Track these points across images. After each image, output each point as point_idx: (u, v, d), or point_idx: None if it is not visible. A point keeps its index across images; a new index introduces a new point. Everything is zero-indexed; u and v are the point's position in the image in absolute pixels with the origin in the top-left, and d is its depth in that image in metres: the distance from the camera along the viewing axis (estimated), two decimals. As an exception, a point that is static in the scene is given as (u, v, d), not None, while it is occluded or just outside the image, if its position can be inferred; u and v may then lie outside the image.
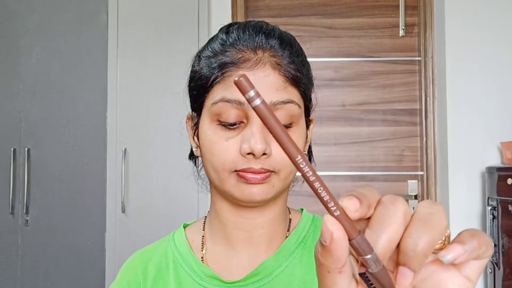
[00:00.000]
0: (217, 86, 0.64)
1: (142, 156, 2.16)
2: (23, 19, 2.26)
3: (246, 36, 0.65)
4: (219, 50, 0.65)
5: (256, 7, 2.43)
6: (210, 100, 0.64)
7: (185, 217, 0.77)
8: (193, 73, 0.69)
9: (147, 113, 2.16)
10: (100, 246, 2.15)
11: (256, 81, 0.62)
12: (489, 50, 2.18)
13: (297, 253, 0.70)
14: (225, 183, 0.65)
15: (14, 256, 2.21)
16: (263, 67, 0.63)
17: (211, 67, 0.65)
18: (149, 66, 2.18)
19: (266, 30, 0.66)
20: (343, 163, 2.37)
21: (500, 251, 1.93)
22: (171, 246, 0.73)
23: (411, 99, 2.39)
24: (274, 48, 0.64)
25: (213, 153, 0.64)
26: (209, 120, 0.65)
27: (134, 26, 2.20)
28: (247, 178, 0.63)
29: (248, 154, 0.62)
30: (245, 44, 0.64)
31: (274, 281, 0.67)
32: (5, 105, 2.25)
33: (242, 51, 0.64)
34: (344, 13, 2.42)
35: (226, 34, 0.67)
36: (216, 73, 0.64)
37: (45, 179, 2.22)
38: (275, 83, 0.63)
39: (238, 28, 0.67)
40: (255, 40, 0.64)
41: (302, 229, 0.72)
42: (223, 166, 0.64)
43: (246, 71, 0.63)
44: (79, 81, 2.25)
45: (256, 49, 0.64)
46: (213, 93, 0.64)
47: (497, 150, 2.14)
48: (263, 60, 0.63)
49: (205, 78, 0.65)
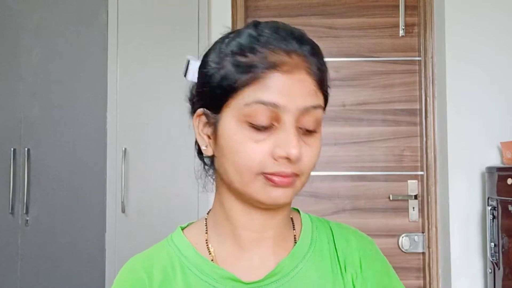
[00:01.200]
0: (249, 87, 0.62)
1: (142, 156, 2.16)
2: (23, 19, 2.26)
3: (280, 37, 0.64)
4: (249, 49, 0.63)
5: (256, 7, 2.43)
6: (241, 100, 0.63)
7: (185, 217, 0.77)
8: (213, 70, 0.66)
9: (147, 113, 2.16)
10: (100, 246, 2.15)
11: (293, 85, 0.63)
12: (489, 50, 2.18)
13: (309, 255, 0.71)
14: (249, 185, 0.64)
15: (14, 256, 2.20)
16: (298, 71, 0.63)
17: (240, 67, 0.63)
18: (149, 66, 2.18)
19: (299, 35, 0.66)
20: (343, 163, 2.37)
21: (500, 251, 1.93)
22: (174, 250, 0.71)
23: (411, 99, 2.39)
24: (306, 54, 0.65)
25: (240, 154, 0.63)
26: (237, 120, 0.63)
27: (134, 26, 2.19)
28: (276, 182, 0.63)
29: (281, 157, 0.62)
30: (279, 47, 0.63)
31: (291, 281, 0.68)
32: (5, 105, 2.25)
33: (277, 54, 0.63)
34: (344, 13, 2.42)
35: (255, 31, 0.65)
36: (248, 75, 0.62)
37: (45, 179, 2.22)
38: (308, 88, 0.64)
39: (269, 27, 0.66)
40: (289, 44, 0.64)
41: (308, 229, 0.74)
42: (250, 168, 0.63)
43: (283, 74, 0.62)
44: (79, 81, 2.24)
45: (291, 53, 0.63)
46: (244, 94, 0.63)
47: (497, 150, 2.14)
48: (299, 64, 0.63)
49: (233, 78, 0.63)
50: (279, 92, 0.62)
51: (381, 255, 0.77)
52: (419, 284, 2.34)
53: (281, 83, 0.62)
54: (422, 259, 2.35)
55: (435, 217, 2.27)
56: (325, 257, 0.72)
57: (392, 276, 0.76)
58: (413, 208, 2.35)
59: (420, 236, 2.34)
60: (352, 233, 0.77)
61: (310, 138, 0.65)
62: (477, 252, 2.14)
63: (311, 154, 0.65)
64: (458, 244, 2.15)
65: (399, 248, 2.35)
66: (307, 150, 0.65)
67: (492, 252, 1.96)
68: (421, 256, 2.35)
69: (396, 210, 2.36)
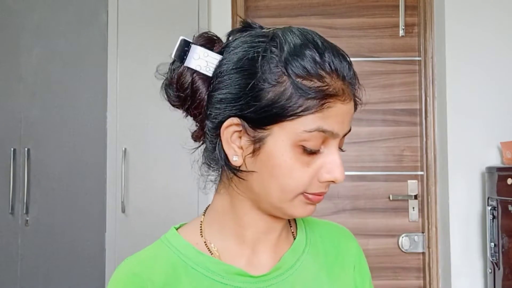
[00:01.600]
0: (313, 114, 0.62)
1: (142, 156, 2.16)
2: (23, 19, 2.26)
3: (342, 65, 0.63)
4: (315, 74, 0.61)
5: (256, 7, 2.43)
6: (300, 126, 0.62)
7: (185, 217, 0.77)
8: (269, 87, 0.62)
9: (147, 113, 2.16)
10: (100, 246, 2.15)
11: (347, 114, 0.65)
12: (489, 50, 2.18)
13: (307, 250, 0.75)
14: (288, 203, 0.66)
15: (14, 256, 2.20)
16: (349, 99, 0.65)
17: (308, 93, 0.61)
18: (149, 66, 2.16)
19: (348, 59, 0.65)
20: (343, 163, 2.36)
21: (500, 251, 1.93)
22: (173, 251, 0.69)
23: (411, 99, 2.39)
24: (351, 77, 0.65)
25: (290, 176, 0.64)
26: (291, 143, 0.63)
27: (134, 26, 2.20)
28: (312, 199, 0.67)
29: (328, 181, 0.66)
30: (341, 75, 0.63)
31: (295, 274, 0.71)
32: (5, 105, 2.25)
33: (339, 81, 0.63)
34: (344, 13, 2.42)
35: (317, 53, 0.63)
36: (316, 102, 0.61)
37: (45, 179, 2.22)
38: (352, 115, 0.67)
39: (327, 49, 0.64)
40: (349, 72, 0.64)
41: (301, 226, 0.78)
42: (296, 189, 0.65)
43: (343, 103, 0.63)
44: (79, 81, 2.25)
45: (345, 79, 0.64)
46: (306, 120, 0.62)
47: (497, 150, 2.14)
48: (350, 92, 0.65)
49: (297, 102, 0.61)
50: (338, 122, 0.64)
51: (361, 250, 0.84)
52: (419, 284, 2.34)
53: (341, 112, 0.64)
54: (422, 259, 2.35)
55: (435, 217, 2.27)
56: (320, 251, 0.77)
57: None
58: (413, 208, 2.35)
59: (420, 236, 2.34)
60: (338, 230, 0.83)
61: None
62: (477, 252, 2.14)
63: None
64: (458, 244, 2.15)
65: (399, 248, 2.35)
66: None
67: (492, 252, 1.96)
68: (421, 256, 2.35)
69: (396, 210, 2.36)
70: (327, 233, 0.80)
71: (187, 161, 0.76)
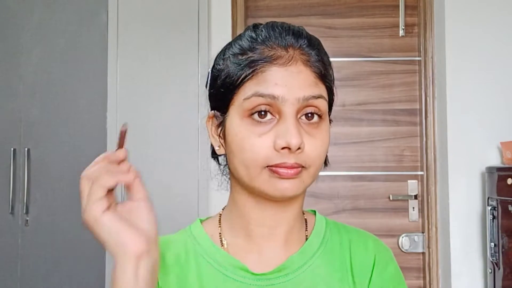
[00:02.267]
0: (248, 82, 0.65)
1: (142, 156, 2.16)
2: (23, 19, 2.26)
3: (276, 34, 0.67)
4: (249, 47, 0.67)
5: (256, 7, 2.43)
6: (241, 96, 0.66)
7: (185, 217, 0.78)
8: (218, 72, 0.70)
9: (147, 113, 2.16)
10: (100, 246, 2.14)
11: (290, 77, 0.65)
12: (489, 50, 2.18)
13: (319, 254, 0.74)
14: (256, 179, 0.66)
15: (14, 256, 2.20)
16: (295, 63, 0.66)
17: (241, 64, 0.66)
18: (149, 66, 2.18)
19: (295, 31, 0.69)
20: (343, 163, 2.37)
21: (500, 251, 1.93)
22: (191, 239, 0.75)
23: (411, 99, 2.39)
24: (304, 47, 0.67)
25: (245, 149, 0.65)
26: (240, 116, 0.66)
27: (134, 26, 2.19)
28: (280, 173, 0.64)
29: (283, 148, 0.64)
30: (276, 42, 0.67)
31: (299, 277, 0.71)
32: (5, 105, 2.25)
33: (273, 49, 0.66)
34: (344, 13, 2.42)
35: (254, 32, 0.69)
36: (248, 70, 0.65)
37: (45, 179, 2.22)
38: (307, 79, 0.66)
39: (267, 27, 0.69)
40: (285, 39, 0.67)
41: (320, 230, 0.76)
42: (256, 162, 0.65)
43: (279, 67, 0.65)
44: (79, 81, 2.25)
45: (287, 47, 0.66)
46: (245, 89, 0.66)
47: (497, 150, 2.14)
48: (295, 57, 0.66)
49: (234, 75, 0.67)
50: (276, 84, 0.64)
51: (394, 263, 0.78)
52: (419, 284, 2.34)
53: (278, 75, 0.65)
54: (422, 259, 2.35)
55: (435, 217, 2.27)
56: (335, 257, 0.74)
57: (402, 285, 0.77)
58: (413, 208, 2.35)
59: (420, 236, 2.34)
60: (371, 239, 0.79)
61: (314, 130, 0.67)
62: (477, 252, 2.14)
63: (316, 145, 0.66)
64: (458, 244, 2.15)
65: (399, 248, 2.35)
66: (311, 141, 0.66)
67: (492, 252, 1.96)
68: (421, 256, 2.35)
69: (396, 210, 2.36)
70: (356, 242, 0.77)
71: (188, 161, 0.78)
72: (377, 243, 0.78)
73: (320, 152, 0.67)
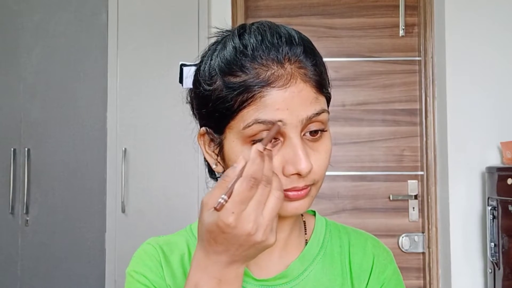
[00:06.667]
0: (247, 109, 0.60)
1: (142, 156, 2.16)
2: (23, 19, 2.26)
3: (268, 47, 0.61)
4: (239, 67, 0.60)
5: (256, 7, 2.43)
6: (240, 122, 0.60)
7: (185, 217, 0.77)
8: (208, 92, 0.63)
9: (147, 113, 2.16)
10: (100, 246, 2.15)
11: (291, 99, 0.60)
12: (489, 50, 2.18)
13: (319, 258, 0.72)
14: None
15: (14, 256, 2.20)
16: (294, 82, 0.60)
17: (236, 90, 0.60)
18: (149, 66, 2.18)
19: (287, 37, 0.62)
20: (343, 163, 2.37)
21: (500, 251, 1.93)
22: (192, 240, 0.74)
23: (411, 99, 2.39)
24: (301, 58, 0.61)
25: None
26: (241, 142, 0.62)
27: (134, 26, 2.19)
28: (291, 197, 0.62)
29: (293, 174, 0.61)
30: (269, 57, 0.60)
31: (300, 284, 0.70)
32: (5, 105, 2.25)
33: (268, 67, 0.60)
34: (344, 13, 2.42)
35: (240, 43, 0.62)
36: (244, 95, 0.60)
37: (45, 179, 2.22)
38: (308, 97, 0.61)
39: (254, 35, 0.62)
40: (279, 51, 0.60)
41: (320, 233, 0.75)
42: None
43: (279, 89, 0.59)
44: (79, 81, 2.25)
45: (283, 62, 0.60)
46: (243, 116, 0.60)
47: (497, 150, 2.14)
48: (294, 74, 0.60)
49: (229, 101, 0.61)
50: (278, 109, 0.59)
51: (393, 265, 0.77)
52: (419, 284, 2.34)
53: (278, 99, 0.59)
54: (422, 259, 2.35)
55: (435, 217, 2.27)
56: (335, 261, 0.73)
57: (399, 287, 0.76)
58: (413, 208, 2.35)
59: (420, 236, 2.34)
60: (370, 240, 0.77)
61: (317, 143, 0.64)
62: (477, 252, 2.14)
63: (321, 160, 0.64)
64: (458, 244, 2.15)
65: (399, 248, 2.35)
66: (316, 157, 0.63)
67: (492, 252, 1.96)
68: (421, 256, 2.35)
69: (396, 210, 2.36)
70: (355, 244, 0.76)
71: (187, 161, 0.77)
72: (376, 245, 0.77)
73: (326, 164, 0.65)
